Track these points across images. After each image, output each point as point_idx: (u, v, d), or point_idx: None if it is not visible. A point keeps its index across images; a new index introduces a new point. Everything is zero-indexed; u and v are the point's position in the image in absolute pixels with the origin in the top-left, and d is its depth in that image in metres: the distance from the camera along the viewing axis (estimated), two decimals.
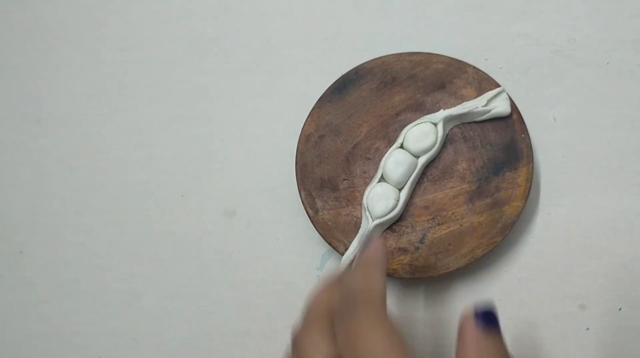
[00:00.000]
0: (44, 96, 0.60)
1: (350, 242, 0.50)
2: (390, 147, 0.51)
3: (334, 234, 0.50)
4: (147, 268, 0.56)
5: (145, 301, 0.56)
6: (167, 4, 0.61)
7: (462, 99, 0.50)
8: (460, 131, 0.50)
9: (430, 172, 0.50)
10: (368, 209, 0.49)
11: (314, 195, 0.51)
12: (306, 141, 0.52)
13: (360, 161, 0.51)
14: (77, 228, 0.58)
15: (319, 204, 0.51)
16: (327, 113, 0.52)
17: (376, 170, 0.51)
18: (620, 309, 0.51)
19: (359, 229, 0.50)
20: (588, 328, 0.51)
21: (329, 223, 0.50)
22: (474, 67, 0.51)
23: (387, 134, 0.51)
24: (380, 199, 0.48)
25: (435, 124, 0.49)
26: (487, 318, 0.36)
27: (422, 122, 0.50)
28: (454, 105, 0.51)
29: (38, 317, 0.57)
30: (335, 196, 0.51)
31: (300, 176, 0.51)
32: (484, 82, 0.51)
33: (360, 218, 0.50)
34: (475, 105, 0.49)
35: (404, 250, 0.49)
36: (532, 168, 0.49)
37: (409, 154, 0.49)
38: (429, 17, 0.57)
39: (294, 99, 0.57)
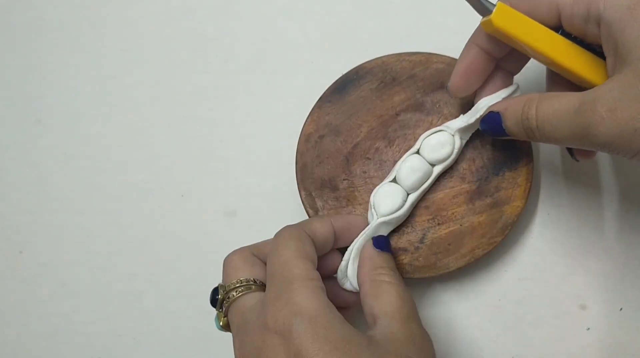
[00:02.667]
0: (44, 95, 0.60)
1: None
2: (390, 147, 0.51)
3: None
4: (147, 268, 0.56)
5: (145, 301, 0.56)
6: (167, 4, 0.61)
7: (462, 98, 0.50)
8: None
9: None
10: (374, 207, 0.48)
11: (314, 195, 0.51)
12: (306, 141, 0.52)
13: (360, 161, 0.51)
14: (77, 228, 0.58)
15: (319, 204, 0.50)
16: (327, 113, 0.52)
17: (376, 170, 0.51)
18: (621, 309, 0.51)
19: None
20: (589, 329, 0.51)
21: None
22: None
23: (387, 134, 0.51)
24: (387, 198, 0.48)
25: (453, 134, 0.48)
26: (380, 241, 0.46)
27: (439, 131, 0.48)
28: (453, 105, 0.50)
29: (38, 317, 0.57)
30: (335, 196, 0.51)
31: (300, 176, 0.51)
32: None
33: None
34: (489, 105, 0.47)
35: (404, 250, 0.49)
36: (532, 167, 0.49)
37: (425, 162, 0.48)
38: (429, 17, 0.57)
39: (294, 99, 0.57)
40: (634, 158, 0.37)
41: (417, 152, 0.49)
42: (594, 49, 0.42)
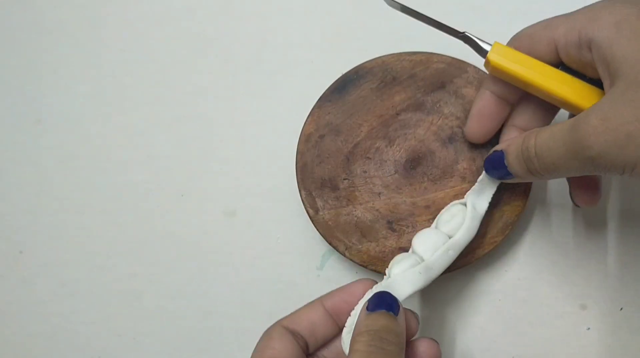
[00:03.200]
0: (43, 95, 0.60)
1: (351, 241, 0.50)
2: (390, 147, 0.51)
3: (335, 233, 0.50)
4: (147, 268, 0.56)
5: (145, 301, 0.56)
6: (167, 4, 0.61)
7: (463, 98, 0.50)
8: (461, 130, 0.50)
9: (430, 172, 0.50)
10: (388, 271, 0.45)
11: (314, 195, 0.51)
12: (306, 140, 0.52)
13: (360, 161, 0.51)
14: (77, 228, 0.57)
15: (319, 203, 0.50)
16: (327, 113, 0.52)
17: (377, 170, 0.51)
18: (621, 309, 0.51)
19: (359, 229, 0.50)
20: (589, 328, 0.51)
21: (330, 223, 0.50)
22: (475, 67, 0.51)
23: (388, 134, 0.51)
24: (401, 261, 0.45)
25: (464, 204, 0.47)
26: (375, 299, 0.41)
27: (452, 206, 0.48)
28: (454, 105, 0.51)
29: (38, 317, 0.57)
30: (336, 196, 0.51)
31: (301, 175, 0.51)
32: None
33: (361, 218, 0.50)
34: None
35: (404, 250, 0.49)
36: None
37: (440, 232, 0.46)
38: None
39: (294, 99, 0.56)
40: (633, 172, 0.36)
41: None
42: (596, 83, 0.42)
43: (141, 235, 0.57)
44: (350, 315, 0.43)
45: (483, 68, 0.51)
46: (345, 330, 0.43)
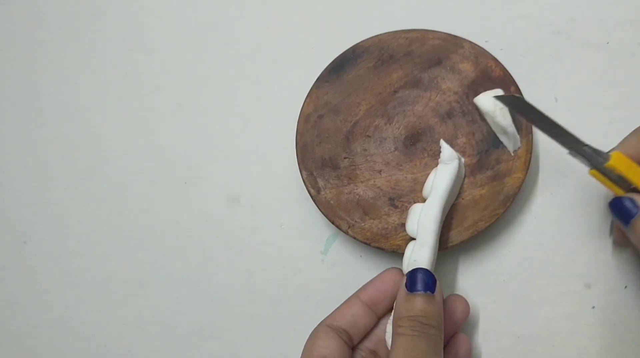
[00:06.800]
0: (45, 86, 0.61)
1: (354, 219, 0.50)
2: (389, 124, 0.51)
3: (337, 212, 0.50)
4: (151, 256, 0.56)
5: (150, 289, 0.56)
6: None
7: (460, 74, 0.51)
8: (459, 105, 0.51)
9: (430, 147, 0.50)
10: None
11: (315, 175, 0.51)
12: (305, 121, 0.52)
13: (360, 139, 0.51)
14: (80, 218, 0.58)
15: (321, 183, 0.51)
16: (325, 93, 0.52)
17: (377, 148, 0.51)
18: (625, 287, 0.50)
19: (361, 206, 0.50)
20: (594, 307, 0.50)
21: (331, 202, 0.50)
22: (470, 42, 0.51)
23: (386, 112, 0.51)
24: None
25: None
26: (413, 278, 0.42)
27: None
28: (451, 80, 0.51)
29: (43, 307, 0.57)
30: (337, 175, 0.51)
31: (301, 156, 0.51)
32: (480, 57, 0.51)
33: (362, 196, 0.50)
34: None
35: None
36: (532, 139, 0.49)
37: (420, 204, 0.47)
38: None
39: (294, 84, 0.56)
40: None
41: None
42: None
43: (145, 224, 0.57)
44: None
45: (479, 43, 0.51)
46: (389, 321, 0.45)
